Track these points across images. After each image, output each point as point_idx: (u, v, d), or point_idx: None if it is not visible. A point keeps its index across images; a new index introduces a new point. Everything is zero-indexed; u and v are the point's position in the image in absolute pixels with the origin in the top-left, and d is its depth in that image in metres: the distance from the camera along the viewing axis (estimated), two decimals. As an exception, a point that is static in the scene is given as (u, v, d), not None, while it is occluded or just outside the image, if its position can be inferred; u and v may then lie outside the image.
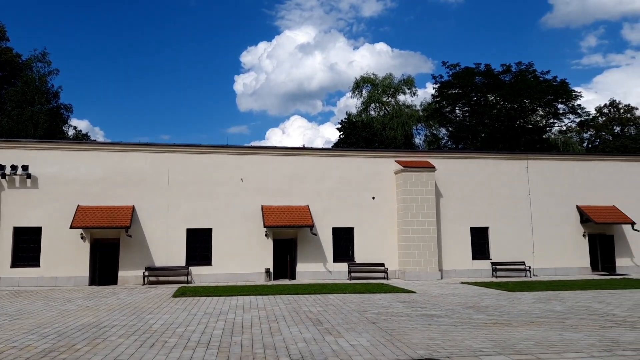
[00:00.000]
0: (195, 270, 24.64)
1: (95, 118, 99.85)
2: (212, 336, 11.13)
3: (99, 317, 13.95)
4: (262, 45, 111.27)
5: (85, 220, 23.05)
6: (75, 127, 49.76)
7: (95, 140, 46.91)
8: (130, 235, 23.45)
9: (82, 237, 23.51)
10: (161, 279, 24.21)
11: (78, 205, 23.66)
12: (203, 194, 25.22)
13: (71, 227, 22.68)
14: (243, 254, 25.05)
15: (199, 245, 25.03)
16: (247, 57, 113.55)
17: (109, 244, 24.20)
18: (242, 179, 25.67)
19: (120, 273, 23.96)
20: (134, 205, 24.34)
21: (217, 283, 23.96)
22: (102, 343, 10.45)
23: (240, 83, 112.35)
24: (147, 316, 14.04)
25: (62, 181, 24.02)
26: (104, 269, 24.04)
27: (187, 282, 24.22)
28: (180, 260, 24.59)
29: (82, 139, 47.65)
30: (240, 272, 24.91)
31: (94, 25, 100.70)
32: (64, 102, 46.91)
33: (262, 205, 25.46)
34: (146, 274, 23.87)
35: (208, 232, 25.13)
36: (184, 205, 24.98)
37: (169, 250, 24.50)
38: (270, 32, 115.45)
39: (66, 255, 23.45)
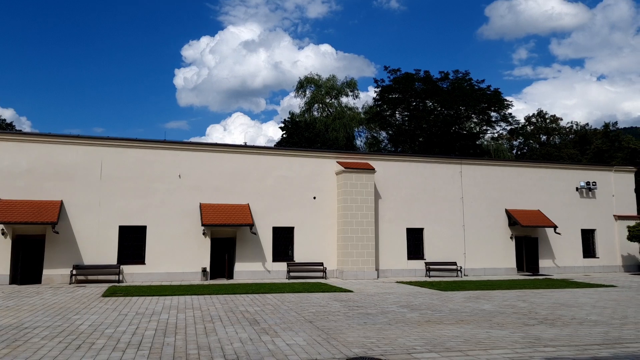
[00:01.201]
0: (127, 269, 23.71)
1: (21, 107, 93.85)
2: (144, 337, 10.74)
3: (20, 317, 13.09)
4: (205, 39, 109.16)
5: (7, 214, 21.56)
6: (-1, 116, 46.54)
7: (20, 131, 44.06)
8: (57, 231, 22.19)
9: (2, 233, 22.01)
10: (90, 277, 23.10)
11: (-1, 199, 22.12)
12: (138, 190, 24.32)
13: (-9, 222, 21.15)
14: (179, 253, 24.41)
15: (133, 243, 24.10)
16: (189, 50, 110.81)
17: (33, 240, 22.77)
18: (179, 176, 24.99)
19: (45, 271, 22.62)
20: (62, 200, 23.07)
21: (151, 282, 23.19)
22: (23, 345, 9.81)
23: (181, 77, 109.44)
24: (73, 317, 13.34)
25: (-18, 173, 22.35)
26: (27, 267, 22.57)
27: (119, 281, 23.26)
28: (112, 259, 23.58)
29: (5, 128, 44.64)
30: (176, 272, 24.24)
31: (24, 10, 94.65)
32: (-14, 88, 43.71)
33: (200, 203, 24.90)
34: (74, 272, 22.70)
35: (142, 229, 24.26)
36: (117, 201, 23.97)
37: (100, 248, 23.42)
38: (213, 27, 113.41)
39: (-16, 252, 21.83)
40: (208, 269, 24.69)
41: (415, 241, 28.33)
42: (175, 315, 13.76)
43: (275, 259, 25.96)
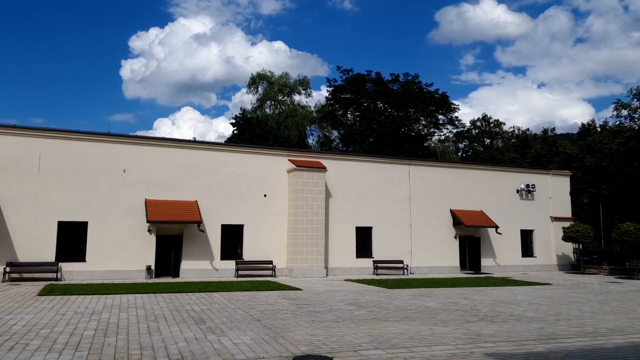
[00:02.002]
0: (66, 266, 22.67)
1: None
2: (83, 337, 10.29)
3: (-56, 319, 12.22)
4: (154, 31, 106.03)
5: None
6: None
7: (-50, 118, 41.17)
8: (-11, 226, 20.91)
9: None
10: (25, 275, 21.92)
11: None
12: (79, 184, 23.29)
13: None
14: (122, 250, 23.57)
15: (73, 239, 23.05)
16: (137, 42, 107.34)
17: (-38, 236, 21.34)
18: (124, 170, 24.14)
19: (-25, 269, 21.28)
20: (-5, 194, 21.75)
21: (92, 281, 22.29)
22: (-53, 349, 9.16)
23: (128, 68, 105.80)
24: (6, 317, 12.59)
25: None
26: (-46, 264, 21.14)
27: (57, 279, 22.20)
28: (50, 256, 22.47)
29: None
30: (119, 269, 23.41)
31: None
32: None
33: (146, 199, 24.16)
34: (7, 270, 21.45)
35: (83, 225, 23.27)
36: (56, 195, 22.85)
37: (37, 244, 22.26)
38: (163, 19, 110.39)
39: None
40: (153, 267, 24.00)
41: (364, 240, 28.71)
42: (117, 314, 13.28)
43: (224, 257, 25.58)
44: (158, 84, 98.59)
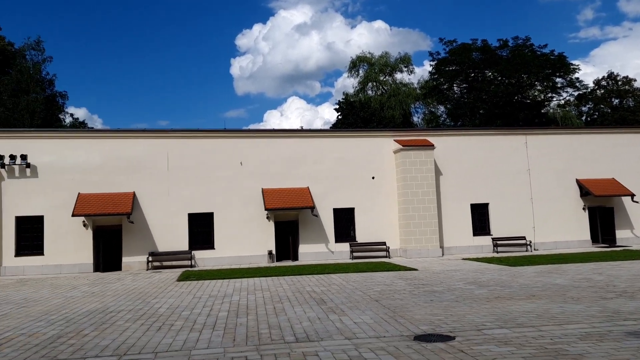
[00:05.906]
0: (198, 254, 24.81)
1: (93, 106, 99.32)
2: (218, 318, 11.26)
3: (104, 302, 14.09)
4: (257, 27, 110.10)
5: (85, 208, 23.10)
6: (72, 115, 49.61)
7: (92, 128, 46.73)
8: (132, 221, 23.54)
9: (84, 225, 23.61)
10: (165, 264, 24.39)
11: (79, 193, 23.68)
12: (203, 178, 25.24)
13: (73, 215, 22.76)
14: (245, 237, 25.20)
15: (201, 229, 25.15)
16: (242, 40, 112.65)
17: (111, 230, 24.28)
18: (241, 163, 25.66)
19: (124, 259, 24.13)
20: (134, 192, 24.38)
21: (221, 266, 24.15)
22: (110, 328, 10.58)
23: (237, 66, 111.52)
24: (152, 300, 14.18)
25: (62, 169, 24.00)
26: (107, 255, 24.18)
27: (191, 266, 24.41)
28: (183, 245, 24.74)
29: (79, 126, 47.49)
30: (243, 255, 25.09)
31: (85, 10, 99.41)
32: (59, 90, 46.68)
33: (262, 188, 25.50)
34: (150, 259, 24.04)
35: (209, 216, 25.24)
36: (184, 190, 25.02)
37: (172, 235, 24.62)
38: (264, 14, 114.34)
39: (68, 242, 23.59)
40: (274, 252, 25.36)
41: (480, 217, 27.60)
42: (245, 296, 14.30)
43: (338, 239, 26.21)
44: (265, 78, 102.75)
